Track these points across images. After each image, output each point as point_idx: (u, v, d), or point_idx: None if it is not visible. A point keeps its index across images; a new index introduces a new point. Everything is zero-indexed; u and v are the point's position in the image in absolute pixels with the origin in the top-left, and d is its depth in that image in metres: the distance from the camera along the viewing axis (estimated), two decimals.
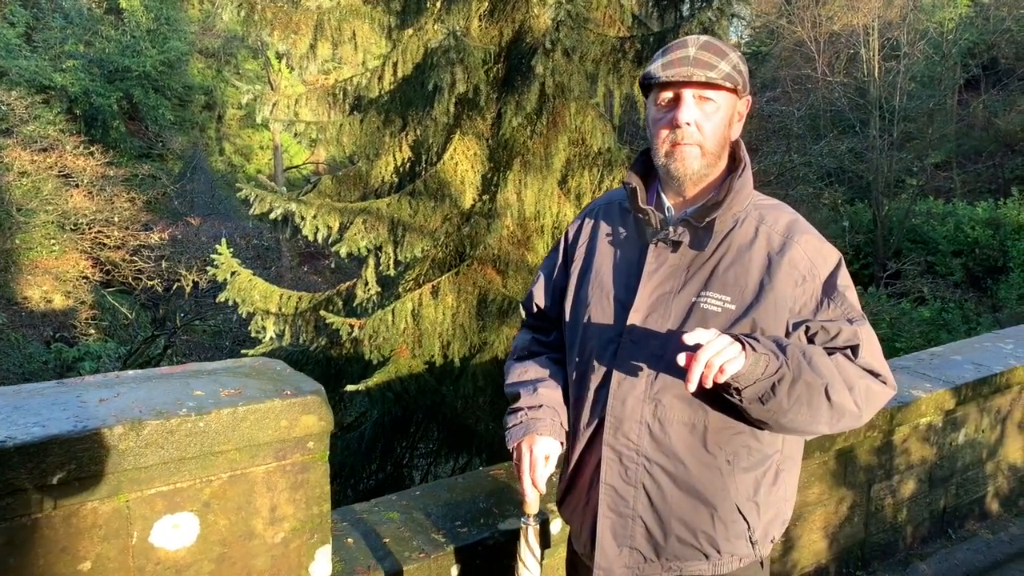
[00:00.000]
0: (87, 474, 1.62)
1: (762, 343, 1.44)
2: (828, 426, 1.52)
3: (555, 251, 1.88)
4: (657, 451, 1.58)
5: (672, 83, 1.54)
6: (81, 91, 21.05)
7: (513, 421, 1.72)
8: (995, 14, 21.62)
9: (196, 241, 16.52)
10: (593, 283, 1.70)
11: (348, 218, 5.62)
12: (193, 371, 1.97)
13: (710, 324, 1.52)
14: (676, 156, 1.56)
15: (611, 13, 6.09)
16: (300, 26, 5.79)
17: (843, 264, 1.60)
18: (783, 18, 24.19)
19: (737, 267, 1.55)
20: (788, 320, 1.54)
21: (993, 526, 3.78)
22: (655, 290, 1.59)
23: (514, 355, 1.90)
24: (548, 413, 1.70)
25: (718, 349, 1.36)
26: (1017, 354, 3.86)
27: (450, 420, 6.01)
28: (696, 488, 1.58)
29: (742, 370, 1.39)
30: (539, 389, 1.73)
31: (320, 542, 1.96)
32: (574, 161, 5.97)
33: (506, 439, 1.72)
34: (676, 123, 1.54)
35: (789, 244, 1.56)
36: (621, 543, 1.63)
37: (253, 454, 1.80)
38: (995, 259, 15.95)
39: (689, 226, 1.57)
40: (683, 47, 1.55)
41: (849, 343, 1.53)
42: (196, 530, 1.77)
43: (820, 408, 1.47)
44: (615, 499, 1.63)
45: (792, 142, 21.49)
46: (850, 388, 1.48)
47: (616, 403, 1.60)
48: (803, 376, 1.44)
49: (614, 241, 1.70)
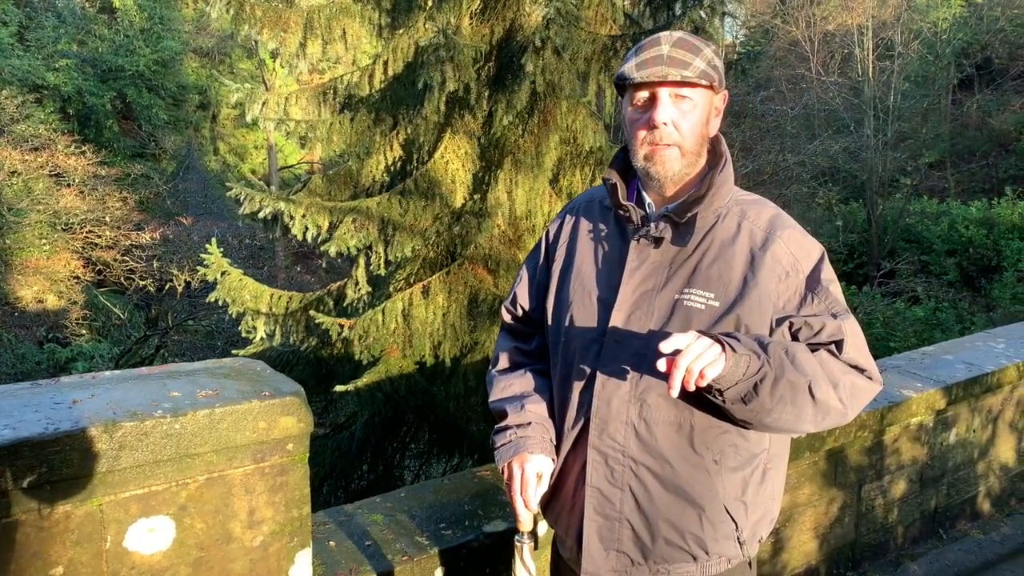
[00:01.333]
0: (59, 477, 1.59)
1: (743, 343, 1.41)
2: (813, 424, 1.49)
3: (536, 250, 1.84)
4: (643, 452, 1.56)
5: (647, 83, 1.51)
6: (74, 90, 20.97)
7: (501, 440, 1.68)
8: (988, 14, 21.66)
9: (188, 241, 16.46)
10: (575, 282, 1.67)
11: (338, 217, 5.59)
12: (171, 372, 1.94)
13: (694, 321, 1.50)
14: (655, 159, 1.54)
15: (603, 11, 6.07)
16: (289, 24, 5.76)
17: (826, 258, 1.59)
18: (777, 18, 24.23)
19: (720, 263, 1.53)
20: (772, 316, 1.52)
21: (984, 526, 3.77)
22: (637, 288, 1.56)
23: (495, 365, 1.84)
24: (537, 430, 1.66)
25: (697, 353, 1.33)
26: (1008, 353, 3.84)
27: (441, 420, 5.98)
28: (683, 489, 1.56)
29: (723, 372, 1.36)
30: (526, 405, 1.69)
31: (300, 545, 1.93)
32: (565, 160, 5.95)
33: (496, 459, 1.68)
34: (653, 123, 1.51)
35: (772, 239, 1.55)
36: (608, 546, 1.61)
37: (231, 456, 1.77)
38: (989, 258, 15.98)
39: (671, 222, 1.55)
40: (656, 45, 1.52)
41: (833, 338, 1.51)
42: (172, 534, 1.74)
43: (804, 406, 1.44)
44: (601, 501, 1.60)
45: (786, 141, 21.50)
46: (834, 385, 1.46)
47: (601, 404, 1.57)
48: (786, 375, 1.41)
49: (595, 239, 1.68)
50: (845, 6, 21.93)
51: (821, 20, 22.59)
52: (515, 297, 1.85)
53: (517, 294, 1.84)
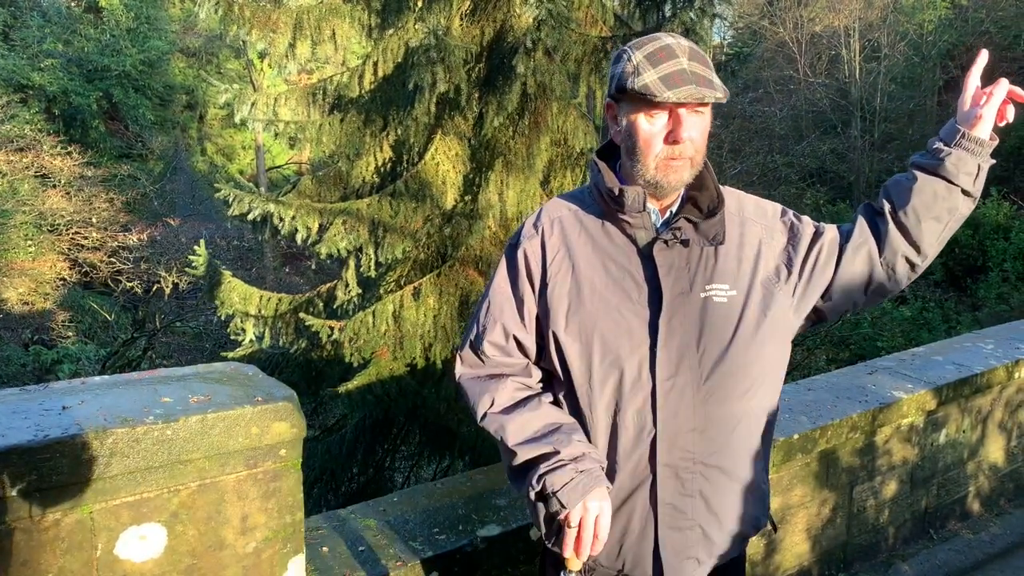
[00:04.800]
0: (48, 485, 1.57)
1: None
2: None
3: (515, 276, 1.65)
4: (712, 453, 1.56)
5: (677, 103, 1.47)
6: (60, 90, 20.81)
7: (561, 479, 1.49)
8: (973, 16, 21.81)
9: (176, 242, 16.37)
10: (592, 299, 1.56)
11: (328, 219, 5.56)
12: (162, 377, 1.92)
13: (723, 316, 1.55)
14: (669, 170, 1.51)
15: (593, 13, 6.07)
16: (278, 25, 5.72)
17: (783, 208, 1.71)
18: (765, 19, 24.32)
19: (724, 252, 1.58)
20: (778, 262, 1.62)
21: (974, 526, 3.78)
22: (672, 291, 1.55)
23: (490, 406, 1.63)
24: (595, 462, 1.54)
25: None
26: (997, 354, 3.87)
27: (432, 422, 5.96)
28: (745, 477, 1.61)
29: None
30: (573, 437, 1.54)
31: (293, 551, 1.91)
32: (556, 161, 5.94)
33: (559, 501, 1.49)
34: (677, 139, 1.48)
35: (745, 215, 1.65)
36: (681, 556, 1.60)
37: (223, 462, 1.76)
38: (975, 259, 16.09)
39: (689, 223, 1.56)
40: (673, 57, 1.47)
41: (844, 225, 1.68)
42: (164, 541, 1.72)
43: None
44: (674, 516, 1.57)
45: (774, 142, 21.61)
46: None
47: (667, 417, 1.53)
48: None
49: (596, 250, 1.59)
50: (832, 8, 22.04)
51: (808, 21, 22.69)
52: (505, 331, 1.64)
53: (507, 327, 1.64)
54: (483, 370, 1.68)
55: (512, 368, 1.67)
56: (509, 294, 1.65)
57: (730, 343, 1.54)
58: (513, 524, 2.32)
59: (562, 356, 1.58)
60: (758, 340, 1.56)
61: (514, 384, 1.64)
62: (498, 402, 1.62)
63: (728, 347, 1.54)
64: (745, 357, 1.55)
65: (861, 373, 3.61)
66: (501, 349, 1.66)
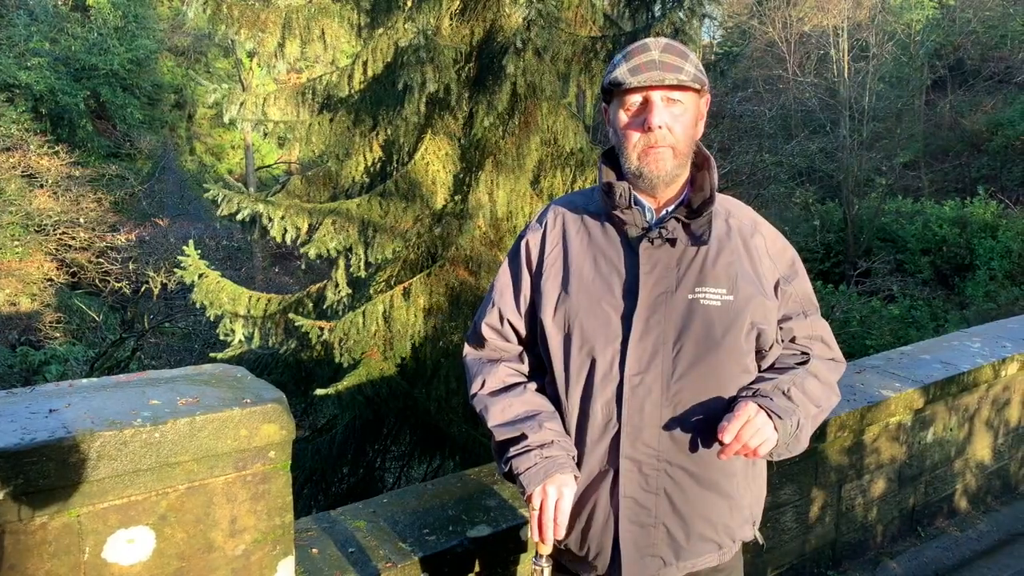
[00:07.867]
0: (35, 488, 1.56)
1: (776, 402, 1.54)
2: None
3: (516, 265, 1.73)
4: (679, 453, 1.57)
5: (641, 87, 1.52)
6: (47, 89, 20.64)
7: (526, 463, 1.57)
8: (961, 16, 21.97)
9: (165, 242, 16.26)
10: (579, 292, 1.61)
11: (317, 219, 5.55)
12: (150, 379, 1.91)
13: (713, 320, 1.55)
14: (649, 159, 1.55)
15: (583, 13, 6.08)
16: (267, 24, 5.70)
17: (797, 256, 1.74)
18: (754, 19, 24.41)
19: (724, 258, 1.58)
20: (768, 301, 1.63)
21: (962, 523, 3.81)
22: (652, 290, 1.56)
23: (482, 387, 1.71)
24: (562, 449, 1.59)
25: (757, 428, 1.49)
26: (984, 353, 3.89)
27: (423, 423, 5.95)
28: (716, 482, 1.60)
29: (776, 445, 1.53)
30: (544, 424, 1.60)
31: (283, 553, 1.90)
32: (546, 161, 5.95)
33: (521, 484, 1.57)
34: (649, 127, 1.53)
35: (757, 234, 1.66)
36: (643, 553, 1.60)
37: (212, 465, 1.75)
38: (962, 257, 16.20)
39: (679, 222, 1.56)
40: (646, 51, 1.54)
41: (816, 333, 1.71)
42: (152, 544, 1.71)
43: (819, 421, 1.68)
44: (636, 511, 1.58)
45: (764, 142, 21.70)
46: (831, 388, 1.69)
47: (632, 412, 1.55)
48: (810, 412, 1.61)
49: (590, 246, 1.64)
50: (820, 8, 22.14)
51: (797, 21, 22.80)
52: (500, 314, 1.73)
53: (503, 311, 1.72)
54: (483, 352, 1.77)
55: (508, 353, 1.76)
56: (509, 281, 1.75)
57: (712, 347, 1.55)
58: (503, 525, 2.32)
59: (546, 344, 1.65)
60: (744, 349, 1.58)
61: (507, 370, 1.72)
62: (488, 385, 1.71)
63: (709, 350, 1.55)
64: (728, 363, 1.56)
65: (849, 372, 3.62)
66: (498, 332, 1.75)
